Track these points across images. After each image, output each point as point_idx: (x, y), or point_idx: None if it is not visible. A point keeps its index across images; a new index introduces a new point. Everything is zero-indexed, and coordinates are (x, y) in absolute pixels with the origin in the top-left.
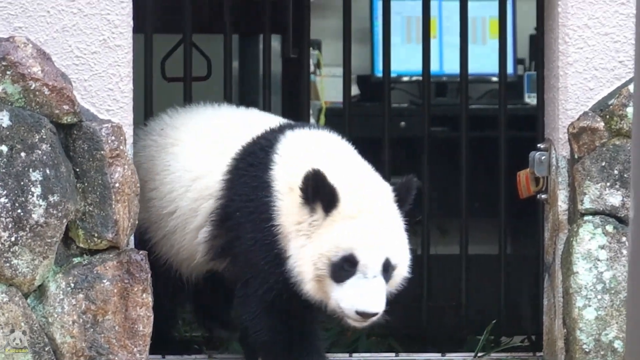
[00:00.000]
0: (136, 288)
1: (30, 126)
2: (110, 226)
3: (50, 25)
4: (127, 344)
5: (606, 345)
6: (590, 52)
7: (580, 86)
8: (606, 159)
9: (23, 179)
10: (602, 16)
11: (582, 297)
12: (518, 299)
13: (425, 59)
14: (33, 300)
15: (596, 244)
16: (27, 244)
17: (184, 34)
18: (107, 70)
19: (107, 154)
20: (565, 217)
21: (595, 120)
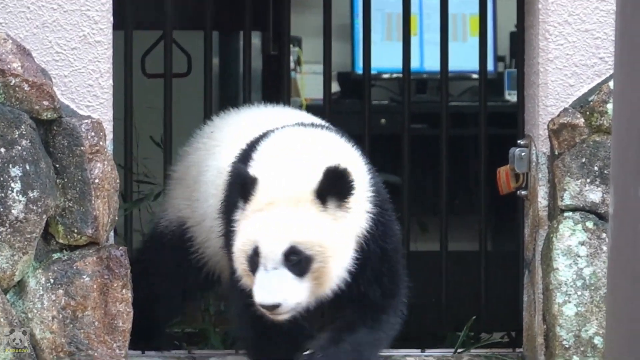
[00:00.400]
0: (116, 284)
1: (10, 122)
2: (89, 222)
3: (30, 21)
4: (106, 339)
5: (586, 341)
6: (571, 49)
7: (561, 82)
8: (586, 156)
9: (3, 175)
10: (582, 13)
11: (562, 293)
12: (498, 296)
13: (406, 56)
14: (12, 296)
15: (576, 240)
16: (6, 240)
17: (165, 31)
18: (87, 66)
19: (86, 149)
20: (545, 214)
21: (575, 116)
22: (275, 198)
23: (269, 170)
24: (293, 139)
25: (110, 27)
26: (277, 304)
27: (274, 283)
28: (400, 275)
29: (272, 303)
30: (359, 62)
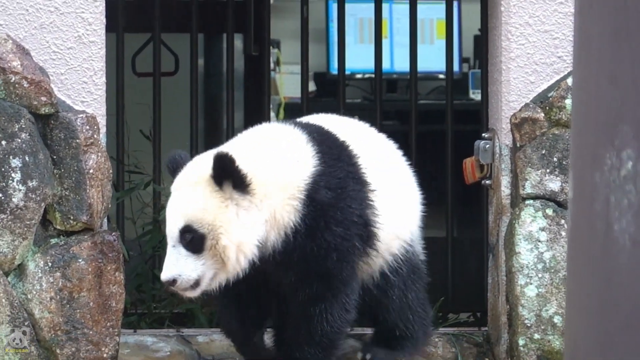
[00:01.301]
0: (109, 267)
1: (10, 116)
2: (84, 209)
3: (29, 23)
4: (100, 319)
5: (546, 320)
6: (531, 48)
7: (522, 80)
8: (546, 147)
9: (4, 166)
10: (542, 14)
11: (524, 275)
12: (464, 279)
13: (377, 58)
14: (13, 278)
15: (537, 226)
16: (7, 226)
17: (153, 33)
18: (82, 65)
19: (82, 142)
20: (508, 202)
21: (535, 111)
22: (181, 181)
23: (196, 157)
24: (253, 132)
25: (103, 29)
26: (171, 279)
27: (170, 260)
28: (337, 285)
29: (166, 278)
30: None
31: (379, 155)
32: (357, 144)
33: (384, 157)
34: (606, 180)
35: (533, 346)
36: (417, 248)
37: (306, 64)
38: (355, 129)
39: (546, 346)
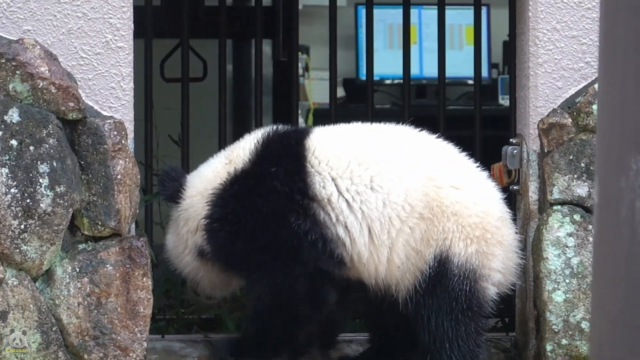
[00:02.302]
0: (137, 272)
1: (38, 122)
2: (112, 215)
3: (57, 29)
4: (128, 324)
5: (574, 326)
6: (559, 54)
7: (550, 85)
8: (573, 153)
9: (32, 171)
10: (569, 20)
11: (552, 281)
12: None
13: (406, 64)
14: (41, 284)
15: (564, 231)
16: (35, 232)
17: (182, 38)
18: (110, 70)
19: (109, 147)
20: (535, 207)
21: (563, 116)
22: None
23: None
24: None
25: (131, 34)
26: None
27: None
28: (257, 311)
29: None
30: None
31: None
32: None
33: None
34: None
35: (561, 351)
36: (458, 271)
37: (335, 70)
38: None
39: (574, 352)
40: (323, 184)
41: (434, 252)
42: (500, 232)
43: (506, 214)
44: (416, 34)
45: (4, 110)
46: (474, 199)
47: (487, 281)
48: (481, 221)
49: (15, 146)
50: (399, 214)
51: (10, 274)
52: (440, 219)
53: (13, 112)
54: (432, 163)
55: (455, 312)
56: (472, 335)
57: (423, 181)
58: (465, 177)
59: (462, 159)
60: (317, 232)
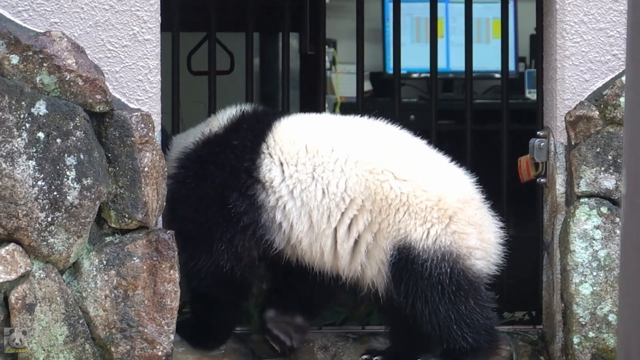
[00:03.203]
0: (164, 265)
1: (65, 114)
2: (140, 207)
3: (84, 21)
4: (155, 317)
5: (601, 319)
6: (586, 46)
7: (577, 78)
8: (601, 145)
9: (59, 164)
10: (597, 12)
11: (579, 273)
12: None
13: (433, 57)
14: (68, 277)
15: (591, 224)
16: (62, 224)
17: (209, 32)
18: (137, 63)
19: (136, 140)
20: (562, 200)
21: (590, 109)
22: None
23: None
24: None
25: (159, 27)
26: None
27: None
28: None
29: None
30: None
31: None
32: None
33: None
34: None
35: (588, 344)
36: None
37: (362, 64)
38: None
39: (601, 344)
40: (270, 167)
41: (391, 243)
42: (465, 213)
43: (470, 197)
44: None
45: (31, 102)
46: (423, 187)
47: (469, 258)
48: (436, 204)
49: (42, 139)
50: (337, 204)
51: (37, 266)
52: (387, 211)
53: (40, 104)
54: (380, 156)
55: (446, 295)
56: (476, 310)
57: (365, 174)
58: (413, 168)
59: (417, 150)
60: (251, 216)
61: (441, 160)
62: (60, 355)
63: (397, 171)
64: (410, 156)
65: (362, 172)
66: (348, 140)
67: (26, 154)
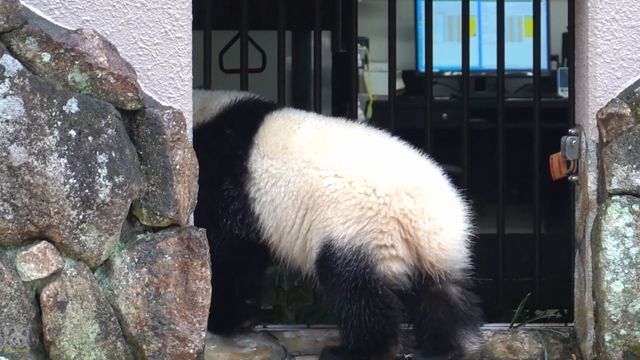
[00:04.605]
0: (196, 262)
1: (96, 112)
2: (171, 205)
3: (116, 19)
4: (187, 314)
5: (633, 316)
6: (618, 44)
7: (608, 75)
8: (632, 143)
9: (90, 161)
10: (628, 10)
11: (610, 271)
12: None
13: (465, 56)
14: (100, 274)
15: (623, 222)
16: (94, 222)
17: (241, 30)
18: (169, 61)
19: (168, 138)
20: (594, 197)
21: (622, 107)
22: None
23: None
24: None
25: (190, 24)
26: None
27: None
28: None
29: None
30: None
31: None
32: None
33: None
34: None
35: (619, 342)
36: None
37: (394, 62)
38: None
39: (632, 342)
40: (256, 158)
41: (320, 240)
42: (392, 207)
43: (410, 188)
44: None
45: (62, 100)
46: (355, 183)
47: (382, 259)
48: (359, 202)
49: (74, 136)
50: (293, 202)
51: (69, 264)
52: (321, 208)
53: (72, 102)
54: (330, 155)
55: (344, 293)
56: (366, 312)
57: (313, 172)
58: (354, 165)
59: (370, 147)
60: (241, 201)
61: (391, 152)
62: (91, 353)
63: (338, 168)
64: (358, 153)
65: (311, 170)
66: (312, 139)
67: (58, 152)
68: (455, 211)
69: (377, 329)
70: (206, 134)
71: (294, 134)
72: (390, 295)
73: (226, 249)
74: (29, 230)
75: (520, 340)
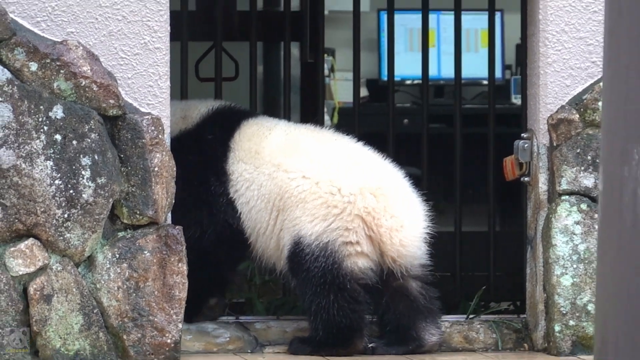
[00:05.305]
0: (173, 258)
1: (80, 118)
2: (150, 205)
3: (98, 31)
4: (165, 307)
5: (581, 308)
6: (567, 54)
7: (558, 83)
8: (580, 147)
9: (75, 164)
10: (577, 22)
11: (560, 266)
12: (504, 269)
13: (425, 65)
14: (83, 269)
15: (572, 220)
16: (78, 220)
17: (215, 41)
18: (148, 70)
19: (147, 142)
20: (545, 197)
21: (571, 112)
22: None
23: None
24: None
25: (168, 36)
26: None
27: None
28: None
29: None
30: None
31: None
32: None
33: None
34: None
35: (568, 332)
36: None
37: (358, 71)
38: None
39: (580, 332)
40: (232, 162)
41: (291, 238)
42: (356, 206)
43: (373, 188)
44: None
45: (49, 107)
46: (321, 183)
47: (348, 255)
48: (325, 201)
49: (59, 140)
50: (266, 205)
51: (54, 259)
52: (291, 208)
53: (57, 108)
54: (298, 158)
55: (313, 288)
56: (334, 307)
57: (282, 175)
58: (320, 166)
59: (333, 149)
60: (225, 198)
61: (356, 155)
62: (75, 342)
63: (306, 170)
64: (325, 157)
65: (281, 173)
66: (282, 144)
67: (44, 155)
68: (416, 210)
69: (345, 323)
70: (189, 139)
71: (266, 139)
72: (358, 290)
73: (210, 242)
74: (17, 228)
75: (476, 330)
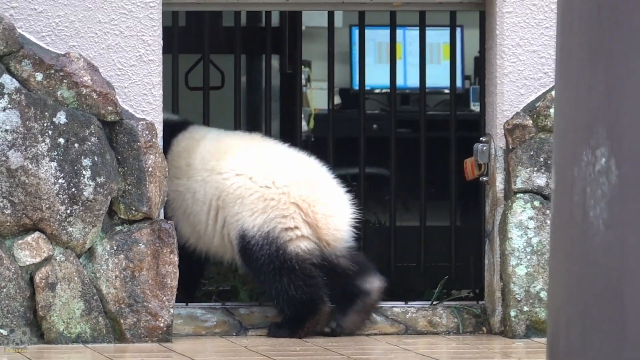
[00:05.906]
0: (165, 250)
1: (82, 123)
2: (144, 202)
3: (98, 44)
4: (158, 294)
5: (534, 295)
6: (522, 65)
7: (514, 92)
8: (534, 149)
9: (76, 165)
10: (530, 37)
11: (515, 257)
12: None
13: (392, 76)
14: (84, 260)
15: (526, 215)
16: (79, 216)
17: (203, 53)
18: (142, 80)
19: (142, 145)
20: (502, 195)
21: (525, 119)
22: None
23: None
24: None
25: (161, 49)
26: None
27: None
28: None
29: None
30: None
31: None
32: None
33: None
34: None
35: (523, 317)
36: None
37: (332, 81)
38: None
39: (534, 317)
40: (188, 166)
41: (236, 232)
42: (291, 195)
43: (306, 180)
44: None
45: (53, 113)
46: (256, 179)
47: (289, 241)
48: (262, 195)
49: (62, 143)
50: (201, 208)
51: (58, 251)
52: (230, 205)
53: (61, 114)
54: (230, 159)
55: (269, 274)
56: (291, 287)
57: (217, 177)
58: (252, 164)
59: (264, 149)
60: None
61: (285, 154)
62: (77, 326)
63: (238, 168)
64: (255, 155)
65: (215, 175)
66: (212, 151)
67: (49, 157)
68: (343, 200)
69: (305, 298)
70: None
71: (195, 152)
72: (308, 268)
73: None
74: (25, 222)
75: (439, 315)
